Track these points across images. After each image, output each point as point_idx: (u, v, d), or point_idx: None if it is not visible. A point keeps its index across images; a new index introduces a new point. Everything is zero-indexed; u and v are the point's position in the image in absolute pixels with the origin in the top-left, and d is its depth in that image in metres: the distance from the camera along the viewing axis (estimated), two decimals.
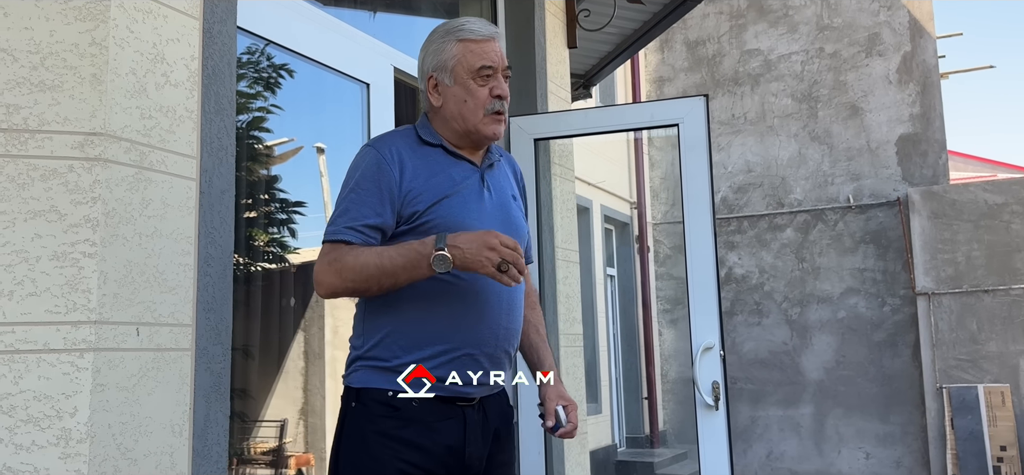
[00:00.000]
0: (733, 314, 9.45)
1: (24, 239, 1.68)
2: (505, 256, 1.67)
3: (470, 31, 1.86)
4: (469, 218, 1.81)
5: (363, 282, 1.72)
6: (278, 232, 4.38)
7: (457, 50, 1.86)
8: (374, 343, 1.80)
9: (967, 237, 8.36)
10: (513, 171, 2.08)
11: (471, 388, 1.82)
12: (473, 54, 1.85)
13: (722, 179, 9.68)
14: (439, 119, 1.90)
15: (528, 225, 2.08)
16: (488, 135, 1.87)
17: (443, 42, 1.88)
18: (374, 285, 1.72)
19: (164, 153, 1.88)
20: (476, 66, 1.85)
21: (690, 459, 9.04)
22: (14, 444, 1.63)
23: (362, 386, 1.80)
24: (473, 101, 1.85)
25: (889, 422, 8.77)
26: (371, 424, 1.76)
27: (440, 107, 1.88)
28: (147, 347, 1.80)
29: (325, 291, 1.76)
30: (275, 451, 4.26)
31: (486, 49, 1.86)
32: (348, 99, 2.99)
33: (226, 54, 2.07)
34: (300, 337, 4.51)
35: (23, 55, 1.72)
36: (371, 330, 1.81)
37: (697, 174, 3.28)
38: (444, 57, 1.87)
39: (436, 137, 1.89)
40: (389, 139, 1.88)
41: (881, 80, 9.24)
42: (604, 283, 9.33)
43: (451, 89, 1.87)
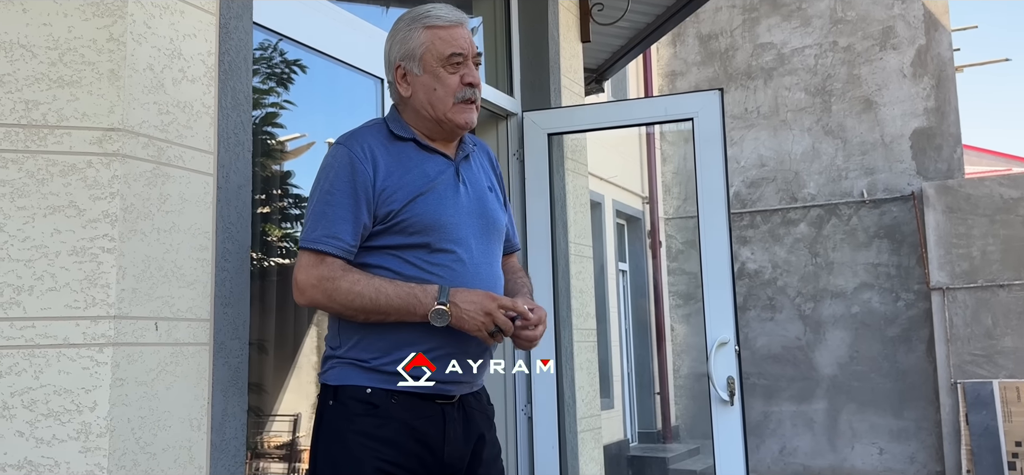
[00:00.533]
0: (746, 309, 9.42)
1: (44, 234, 1.69)
2: (499, 323, 1.71)
3: (438, 17, 1.81)
4: (445, 215, 1.78)
5: (350, 310, 1.72)
6: (291, 227, 4.40)
7: (425, 37, 1.81)
8: (352, 343, 1.78)
9: (982, 231, 8.29)
10: (489, 159, 2.03)
11: (450, 386, 1.80)
12: (442, 41, 1.81)
13: (735, 173, 9.64)
14: (409, 110, 1.86)
15: (509, 211, 2.05)
16: (460, 123, 1.83)
17: (410, 30, 1.83)
18: (360, 315, 1.72)
19: (181, 148, 1.88)
20: (445, 53, 1.80)
21: (702, 454, 9.02)
22: (35, 438, 1.64)
23: (339, 383, 1.78)
24: (443, 90, 1.81)
25: (903, 418, 8.73)
26: (349, 423, 1.75)
27: (409, 97, 1.84)
28: (166, 342, 1.80)
29: (305, 301, 1.75)
30: (288, 445, 4.28)
31: (455, 35, 1.82)
32: (362, 94, 2.99)
33: (242, 49, 2.07)
34: (313, 332, 4.52)
35: (42, 51, 1.73)
36: (349, 331, 1.79)
37: (712, 169, 3.27)
38: (411, 45, 1.82)
39: (408, 131, 1.85)
40: (360, 135, 1.83)
41: (895, 73, 9.18)
42: (616, 278, 9.31)
43: (420, 78, 1.82)
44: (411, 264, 1.76)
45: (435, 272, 1.75)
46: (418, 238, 1.76)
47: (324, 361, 1.85)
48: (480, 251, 1.84)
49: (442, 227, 1.77)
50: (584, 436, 3.65)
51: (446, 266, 1.77)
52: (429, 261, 1.76)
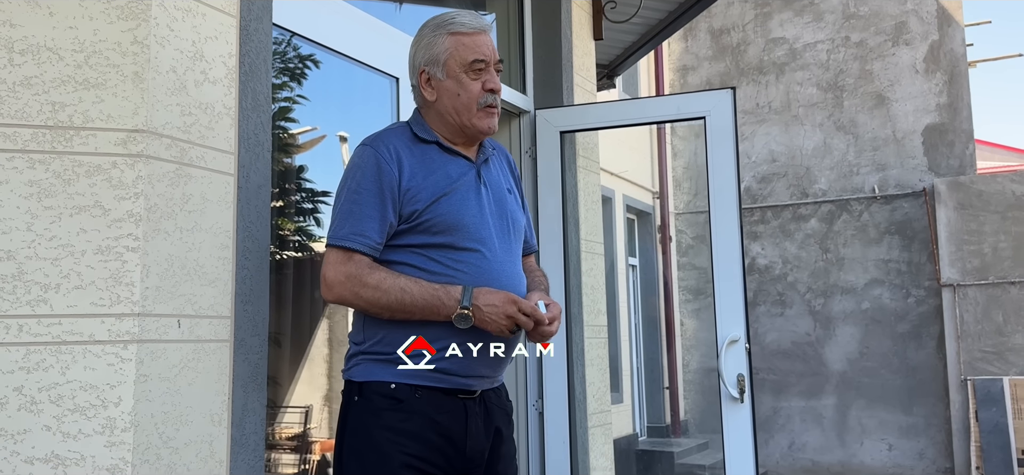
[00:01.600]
0: (756, 304, 9.43)
1: (70, 233, 1.73)
2: (520, 324, 1.77)
3: (462, 24, 1.86)
4: (467, 216, 1.83)
5: (376, 307, 1.76)
6: (304, 221, 4.44)
7: (449, 44, 1.86)
8: (377, 339, 1.82)
9: (994, 228, 8.27)
10: (508, 162, 2.08)
11: (472, 380, 1.85)
12: (465, 47, 1.85)
13: (746, 169, 9.64)
14: (433, 114, 1.91)
15: (527, 214, 2.11)
16: (482, 129, 1.89)
17: (434, 36, 1.87)
18: (385, 312, 1.76)
19: (203, 149, 1.92)
20: (468, 59, 1.85)
21: (711, 449, 9.04)
22: (62, 433, 1.68)
23: (364, 379, 1.82)
24: (466, 95, 1.86)
25: (912, 414, 8.73)
26: (375, 418, 1.79)
27: (434, 102, 1.89)
28: (188, 339, 1.84)
29: (333, 298, 1.79)
30: (300, 437, 4.33)
31: (478, 42, 1.86)
32: (376, 92, 3.02)
33: (262, 51, 2.11)
34: (324, 324, 4.57)
35: (68, 54, 1.76)
36: (373, 327, 1.83)
37: (724, 168, 3.28)
38: (435, 51, 1.86)
39: (431, 134, 1.90)
40: (386, 137, 1.88)
41: (908, 69, 9.15)
42: (626, 273, 9.33)
43: (444, 83, 1.87)
44: (436, 261, 1.80)
45: (460, 269, 1.80)
46: (442, 238, 1.80)
47: (348, 358, 1.89)
48: (503, 250, 1.88)
49: (465, 227, 1.81)
50: (594, 431, 3.68)
51: (470, 264, 1.81)
52: (454, 259, 1.80)
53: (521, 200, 2.07)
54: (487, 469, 1.88)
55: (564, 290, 3.47)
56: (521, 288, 1.91)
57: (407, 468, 1.76)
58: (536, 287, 1.98)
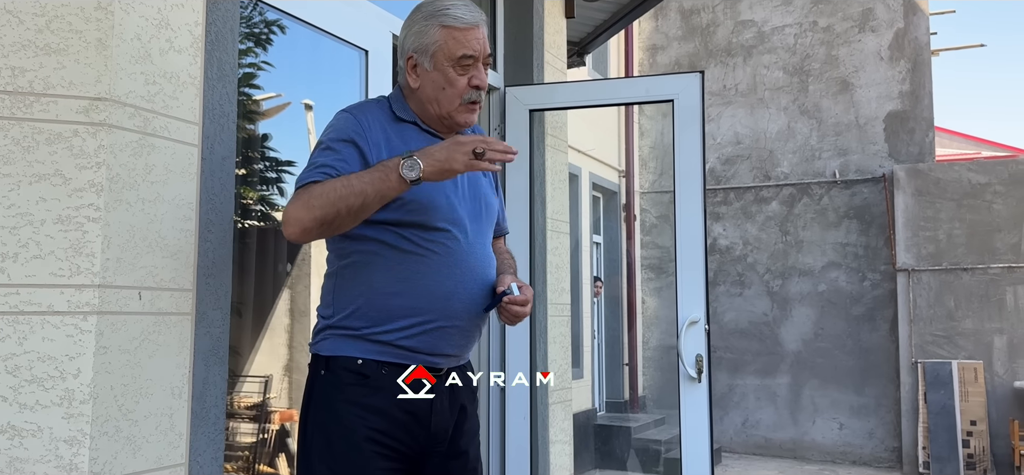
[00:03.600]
0: (715, 284, 9.56)
1: (29, 202, 1.69)
2: (475, 147, 1.67)
3: (455, 17, 1.83)
4: (440, 196, 1.83)
5: (331, 207, 1.67)
6: (268, 190, 4.39)
7: (440, 36, 1.83)
8: (347, 313, 1.82)
9: (949, 215, 8.47)
10: None
11: (438, 358, 1.86)
12: (456, 41, 1.83)
13: (711, 150, 9.73)
14: (415, 100, 1.91)
15: (501, 196, 2.11)
16: (460, 123, 1.89)
17: (426, 24, 1.85)
18: (343, 207, 1.67)
19: (167, 119, 1.89)
20: (457, 54, 1.83)
21: (668, 424, 9.19)
22: (18, 403, 1.66)
23: (331, 354, 1.82)
24: (451, 89, 1.85)
25: (864, 394, 8.95)
26: (340, 392, 1.79)
27: (417, 89, 1.88)
28: (149, 311, 1.83)
29: (295, 229, 1.72)
30: (259, 406, 4.32)
31: (469, 37, 1.83)
32: (346, 64, 2.99)
33: (229, 20, 2.07)
34: (286, 294, 4.54)
35: (29, 17, 1.72)
36: (343, 301, 1.83)
37: (690, 151, 3.32)
38: (425, 40, 1.84)
39: (410, 114, 1.90)
40: (366, 107, 1.88)
41: (873, 56, 9.28)
42: (590, 250, 9.39)
43: (430, 73, 1.85)
44: (407, 240, 1.80)
45: (431, 248, 1.80)
46: (414, 216, 1.80)
47: (316, 332, 1.88)
48: (474, 232, 1.89)
49: (437, 207, 1.82)
50: (555, 408, 3.73)
51: (441, 243, 1.82)
52: (425, 238, 1.81)
53: (495, 183, 2.08)
54: (450, 445, 1.90)
55: (529, 268, 3.49)
56: (491, 269, 1.92)
57: (371, 442, 1.77)
58: (506, 269, 1.99)
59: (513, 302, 1.84)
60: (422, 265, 1.80)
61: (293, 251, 4.53)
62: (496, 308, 1.87)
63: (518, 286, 1.85)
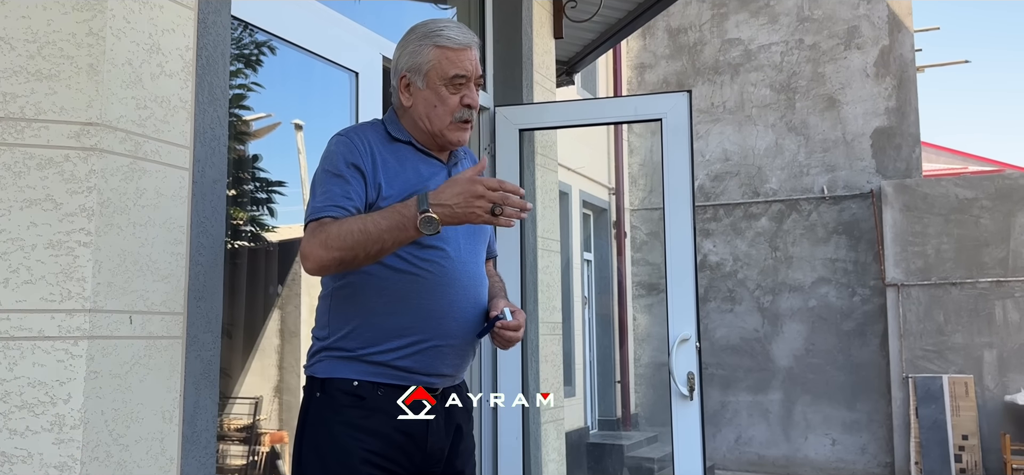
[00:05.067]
0: (706, 300, 9.58)
1: (20, 227, 1.69)
2: (494, 199, 1.66)
3: (448, 38, 1.87)
4: None
5: (349, 249, 1.69)
6: (258, 211, 4.39)
7: (433, 55, 1.87)
8: (342, 335, 1.83)
9: (937, 230, 8.53)
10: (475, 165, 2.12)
11: (434, 378, 1.86)
12: (448, 61, 1.86)
13: (699, 167, 9.78)
14: (408, 118, 1.93)
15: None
16: (453, 141, 1.91)
17: (420, 45, 1.89)
18: (360, 252, 1.69)
19: (158, 143, 1.89)
20: (450, 74, 1.86)
21: (660, 442, 9.18)
22: (8, 429, 1.65)
23: (327, 376, 1.83)
24: (443, 108, 1.87)
25: (855, 410, 8.97)
26: (336, 414, 1.79)
27: (409, 108, 1.91)
28: (140, 335, 1.82)
29: (313, 265, 1.73)
30: (249, 428, 4.29)
31: (462, 58, 1.87)
32: (336, 86, 3.00)
33: (220, 44, 2.08)
34: (276, 315, 4.53)
35: (20, 44, 1.72)
36: (339, 322, 1.84)
37: (678, 169, 3.34)
38: (419, 60, 1.88)
39: (405, 134, 1.92)
40: (360, 130, 1.90)
41: (859, 73, 9.37)
42: (581, 268, 9.40)
43: (422, 92, 1.89)
44: (401, 259, 1.81)
45: (425, 268, 1.81)
46: None
47: (311, 354, 1.88)
48: (467, 250, 1.91)
49: None
50: (547, 427, 3.72)
51: (435, 262, 1.83)
52: (419, 256, 1.82)
53: None
54: (446, 465, 1.90)
55: (520, 287, 3.49)
56: (483, 289, 1.94)
57: (367, 464, 1.77)
58: (497, 293, 2.00)
59: (506, 328, 1.84)
60: (416, 284, 1.81)
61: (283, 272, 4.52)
62: (490, 333, 1.88)
63: (511, 310, 1.86)
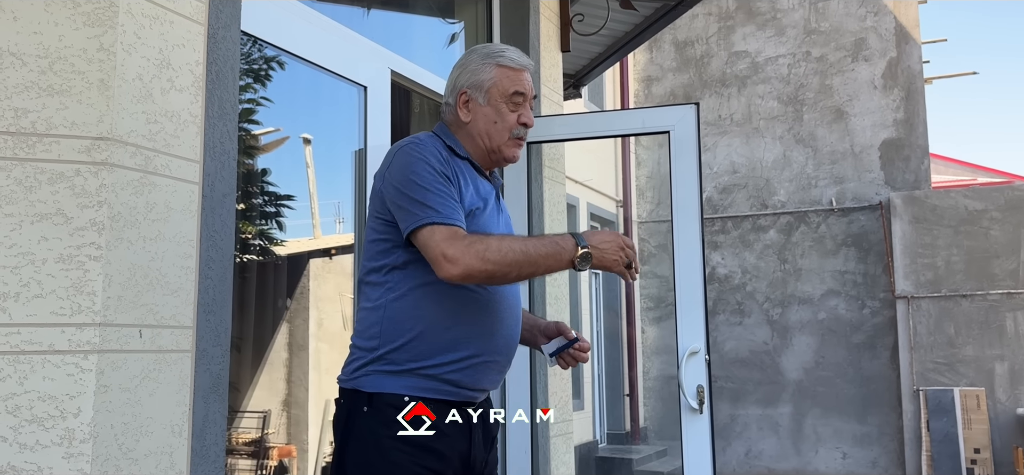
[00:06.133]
0: (715, 313, 9.55)
1: (30, 241, 1.70)
2: (631, 256, 1.82)
3: (510, 59, 1.97)
4: (490, 229, 1.91)
5: (507, 266, 1.73)
6: (266, 224, 4.40)
7: (496, 74, 1.95)
8: (395, 347, 1.81)
9: (947, 242, 8.49)
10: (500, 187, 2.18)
11: (477, 393, 1.89)
12: (510, 79, 1.95)
13: (707, 179, 9.77)
14: (464, 134, 1.98)
15: (521, 201, 2.21)
16: (509, 157, 1.99)
17: (483, 63, 1.97)
18: (514, 271, 1.75)
19: (168, 157, 1.90)
20: (510, 91, 1.95)
21: (670, 456, 9.13)
22: (18, 443, 1.66)
23: (375, 390, 1.81)
24: (502, 123, 1.95)
25: (866, 423, 8.91)
26: (386, 429, 1.78)
27: (468, 123, 1.97)
28: (149, 349, 1.83)
29: (461, 272, 1.72)
30: (257, 442, 4.29)
31: (522, 77, 1.97)
32: (344, 100, 3.01)
33: (230, 59, 2.10)
34: (284, 329, 4.53)
35: (32, 59, 1.74)
36: (392, 333, 1.82)
37: (686, 181, 3.33)
38: (481, 78, 1.96)
39: (463, 151, 1.97)
40: (429, 142, 1.89)
41: (866, 85, 9.35)
42: (589, 281, 9.39)
43: (483, 108, 1.95)
44: None
45: (477, 289, 1.85)
46: None
47: (355, 366, 1.86)
48: None
49: None
50: (556, 441, 3.71)
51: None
52: None
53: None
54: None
55: (529, 300, 3.49)
56: (520, 310, 2.00)
57: None
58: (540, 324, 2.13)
59: (582, 348, 1.98)
60: (472, 300, 1.85)
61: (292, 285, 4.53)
62: (563, 352, 1.99)
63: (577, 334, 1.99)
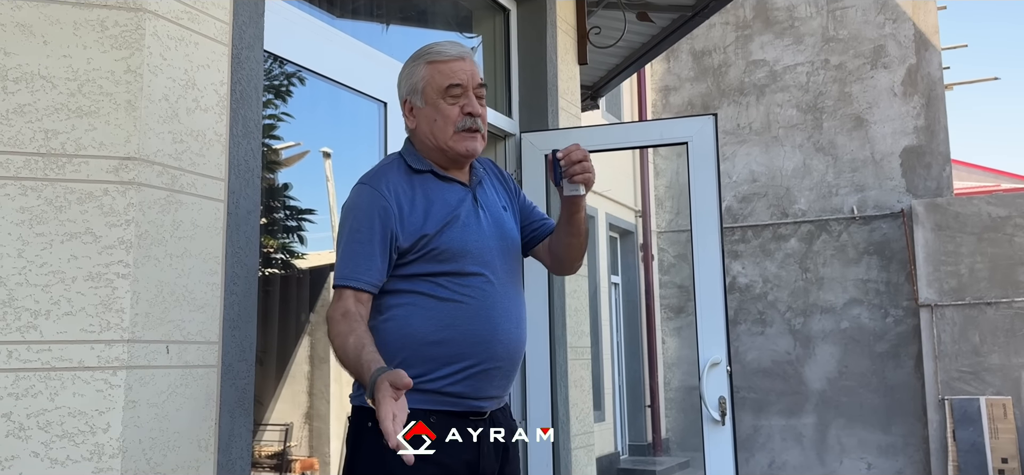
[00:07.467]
0: (736, 323, 9.50)
1: (61, 260, 1.74)
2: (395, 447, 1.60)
3: (437, 53, 1.92)
4: (470, 242, 1.88)
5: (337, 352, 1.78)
6: (288, 238, 4.45)
7: (426, 72, 1.92)
8: (396, 365, 1.81)
9: (970, 249, 8.40)
10: (500, 178, 2.13)
11: (483, 401, 1.88)
12: (441, 74, 1.91)
13: (727, 188, 9.74)
14: (418, 141, 1.96)
15: (527, 202, 2.17)
16: (461, 151, 1.91)
17: (414, 66, 1.95)
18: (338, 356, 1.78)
19: (194, 176, 1.94)
20: (444, 85, 1.90)
21: (692, 467, 9.08)
22: (49, 459, 1.69)
23: None
24: (442, 120, 1.90)
25: (891, 433, 8.82)
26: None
27: (415, 129, 1.95)
28: (176, 364, 1.86)
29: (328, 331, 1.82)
30: (280, 455, 4.32)
31: (454, 68, 1.91)
32: (364, 116, 3.05)
33: (253, 78, 2.13)
34: (306, 342, 4.57)
35: (61, 82, 1.78)
36: (386, 355, 1.81)
37: (705, 192, 3.33)
38: (414, 80, 1.93)
39: (424, 163, 1.94)
40: (382, 174, 1.90)
41: (886, 92, 9.30)
42: (609, 291, 9.38)
43: (423, 110, 1.93)
44: (444, 287, 1.84)
45: (468, 294, 1.84)
46: (449, 265, 1.84)
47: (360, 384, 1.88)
48: (504, 271, 1.93)
49: (469, 252, 1.86)
50: (578, 452, 3.71)
51: (476, 287, 1.86)
52: (461, 284, 1.85)
53: (522, 200, 2.15)
54: None
55: (548, 312, 3.50)
56: (522, 311, 1.97)
57: None
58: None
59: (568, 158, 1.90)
60: (461, 311, 1.84)
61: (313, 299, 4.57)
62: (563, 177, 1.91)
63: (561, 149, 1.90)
